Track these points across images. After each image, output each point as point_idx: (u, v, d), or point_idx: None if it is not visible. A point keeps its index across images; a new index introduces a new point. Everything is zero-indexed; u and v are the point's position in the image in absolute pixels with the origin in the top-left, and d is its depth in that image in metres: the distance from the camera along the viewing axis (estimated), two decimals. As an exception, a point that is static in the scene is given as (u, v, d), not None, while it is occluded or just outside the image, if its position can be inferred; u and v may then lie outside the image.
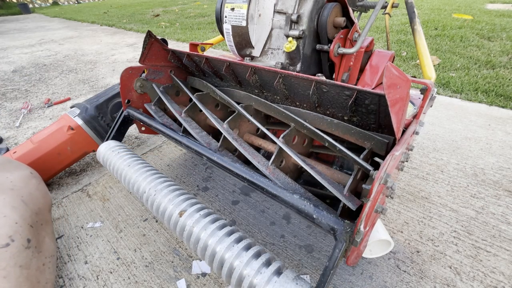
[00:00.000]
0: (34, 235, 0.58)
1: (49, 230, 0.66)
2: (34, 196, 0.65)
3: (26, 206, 0.60)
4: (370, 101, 0.43)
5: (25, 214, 0.58)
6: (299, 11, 0.69)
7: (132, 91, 0.86)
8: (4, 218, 0.54)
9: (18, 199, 0.60)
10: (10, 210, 0.56)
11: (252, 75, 0.59)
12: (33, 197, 0.64)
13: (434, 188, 0.89)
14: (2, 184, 0.62)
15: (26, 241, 0.55)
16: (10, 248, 0.51)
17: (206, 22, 3.97)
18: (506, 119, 1.27)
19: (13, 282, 0.49)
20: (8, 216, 0.55)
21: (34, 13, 8.30)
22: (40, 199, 0.67)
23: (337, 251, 0.37)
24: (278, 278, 0.38)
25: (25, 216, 0.58)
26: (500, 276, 0.63)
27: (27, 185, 0.66)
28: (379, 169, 0.35)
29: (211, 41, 1.16)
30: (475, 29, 2.54)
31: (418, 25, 0.88)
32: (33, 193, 0.65)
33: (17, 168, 0.70)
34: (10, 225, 0.54)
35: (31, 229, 0.58)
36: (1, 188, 0.60)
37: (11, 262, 0.50)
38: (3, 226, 0.53)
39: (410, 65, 1.94)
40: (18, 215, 0.56)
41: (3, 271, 0.48)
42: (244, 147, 0.59)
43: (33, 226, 0.59)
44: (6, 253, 0.50)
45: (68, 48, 3.20)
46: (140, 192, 0.60)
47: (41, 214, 0.64)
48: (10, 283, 0.48)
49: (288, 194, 0.46)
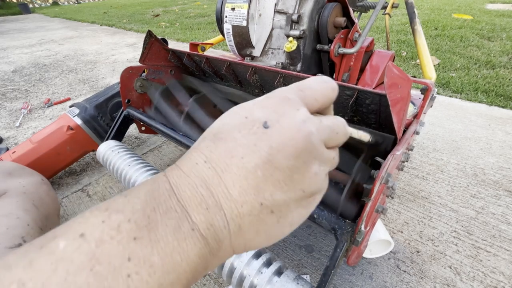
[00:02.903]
0: None
1: None
2: (44, 201, 0.66)
3: (37, 210, 0.62)
4: (371, 100, 0.43)
5: (36, 217, 0.60)
6: (300, 11, 0.69)
7: (132, 91, 0.86)
8: (17, 220, 0.55)
9: (30, 202, 0.61)
10: (23, 212, 0.57)
11: (252, 75, 0.59)
12: (43, 202, 0.66)
13: (434, 188, 0.89)
14: (16, 188, 0.63)
15: None
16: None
17: (206, 22, 3.97)
18: (506, 119, 1.27)
19: None
20: (21, 218, 0.56)
21: (34, 13, 8.30)
22: (50, 204, 0.68)
23: (338, 251, 0.37)
24: (279, 278, 0.38)
25: (36, 219, 0.59)
26: (500, 276, 0.63)
27: (38, 190, 0.67)
28: (380, 168, 0.35)
29: (211, 41, 1.16)
30: (475, 29, 2.54)
31: (418, 25, 0.88)
32: (43, 198, 0.67)
33: (29, 174, 0.72)
34: (22, 226, 0.55)
35: (41, 232, 0.59)
36: (15, 192, 0.62)
37: None
38: (16, 227, 0.54)
39: (410, 65, 1.94)
40: (30, 218, 0.58)
41: None
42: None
43: (43, 229, 0.60)
44: None
45: (68, 48, 3.20)
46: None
47: (50, 218, 0.66)
48: None
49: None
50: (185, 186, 0.17)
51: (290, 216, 0.19)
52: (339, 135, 0.21)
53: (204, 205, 0.17)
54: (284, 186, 0.18)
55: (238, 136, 0.18)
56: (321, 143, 0.19)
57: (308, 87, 0.21)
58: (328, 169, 0.21)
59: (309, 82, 0.21)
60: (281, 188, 0.18)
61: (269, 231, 0.19)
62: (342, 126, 0.21)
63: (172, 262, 0.15)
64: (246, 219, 0.17)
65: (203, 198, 0.17)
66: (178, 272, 0.15)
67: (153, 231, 0.15)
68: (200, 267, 0.17)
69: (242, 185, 0.17)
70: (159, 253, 0.15)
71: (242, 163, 0.17)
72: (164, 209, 0.16)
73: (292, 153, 0.17)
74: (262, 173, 0.17)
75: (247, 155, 0.17)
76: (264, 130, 0.18)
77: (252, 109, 0.19)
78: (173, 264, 0.15)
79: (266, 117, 0.18)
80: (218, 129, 0.19)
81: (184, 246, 0.16)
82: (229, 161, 0.17)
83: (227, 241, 0.18)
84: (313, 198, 0.20)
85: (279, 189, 0.17)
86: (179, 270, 0.15)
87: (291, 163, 0.17)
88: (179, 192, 0.17)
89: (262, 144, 0.17)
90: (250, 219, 0.17)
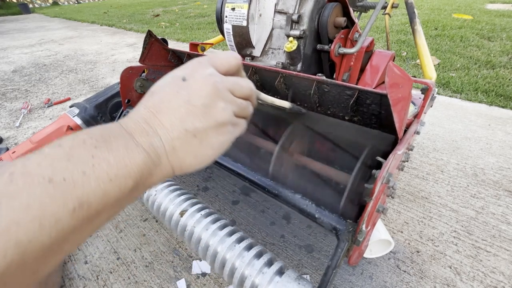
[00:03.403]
0: None
1: None
2: None
3: None
4: (371, 100, 0.43)
5: None
6: (300, 11, 0.69)
7: (132, 91, 0.86)
8: None
9: None
10: None
11: (252, 74, 0.59)
12: None
13: (434, 188, 0.89)
14: None
15: None
16: None
17: (206, 22, 3.97)
18: (506, 119, 1.27)
19: None
20: None
21: (34, 13, 8.30)
22: None
23: (340, 251, 0.37)
24: (280, 278, 0.37)
25: None
26: (500, 276, 0.63)
27: None
28: (382, 168, 0.35)
29: (211, 41, 1.16)
30: (475, 29, 2.54)
31: (418, 25, 0.88)
32: None
33: None
34: None
35: None
36: None
37: None
38: None
39: (410, 65, 1.94)
40: None
41: None
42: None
43: None
44: None
45: (68, 48, 3.20)
46: (141, 191, 0.60)
47: None
48: None
49: (290, 193, 0.46)
50: (131, 123, 0.25)
51: (210, 141, 0.27)
52: (244, 88, 0.29)
53: (145, 133, 0.24)
54: (201, 117, 0.25)
55: (166, 89, 0.26)
56: (225, 89, 0.27)
57: (216, 56, 0.29)
58: (235, 109, 0.28)
59: (217, 53, 0.30)
60: (199, 119, 0.25)
61: (196, 151, 0.26)
62: (246, 83, 0.30)
63: (124, 163, 0.22)
64: (176, 142, 0.25)
65: (144, 128, 0.24)
66: (128, 170, 0.22)
67: (109, 144, 0.22)
68: (145, 172, 0.24)
69: (171, 119, 0.25)
70: (114, 156, 0.22)
71: (170, 105, 0.25)
72: (115, 135, 0.23)
73: (203, 94, 0.26)
74: (184, 110, 0.25)
75: (173, 99, 0.25)
76: (183, 82, 0.26)
77: (174, 71, 0.28)
78: (124, 164, 0.22)
79: (184, 74, 0.27)
80: (153, 88, 0.27)
81: (131, 154, 0.23)
82: (161, 105, 0.25)
83: (165, 158, 0.25)
84: (227, 129, 0.28)
85: (197, 119, 0.25)
86: (129, 169, 0.22)
87: (203, 101, 0.25)
88: (126, 126, 0.24)
89: (182, 91, 0.26)
90: (179, 141, 0.25)
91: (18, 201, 0.17)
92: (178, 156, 0.26)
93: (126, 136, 0.23)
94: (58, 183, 0.19)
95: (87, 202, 0.20)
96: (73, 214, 0.19)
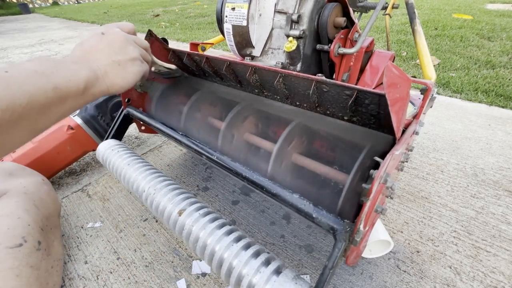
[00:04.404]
0: (44, 238, 0.60)
1: (57, 234, 0.68)
2: (45, 201, 0.67)
3: (37, 210, 0.62)
4: (370, 100, 0.43)
5: (36, 217, 0.60)
6: (300, 11, 0.69)
7: (132, 90, 0.86)
8: (18, 220, 0.56)
9: (30, 203, 0.62)
10: (24, 212, 0.58)
11: (252, 74, 0.59)
12: (44, 202, 0.66)
13: (434, 188, 0.89)
14: (17, 188, 0.64)
15: (37, 243, 0.56)
16: (22, 248, 0.53)
17: (206, 22, 3.97)
18: (506, 119, 1.27)
19: (25, 281, 0.50)
20: (22, 218, 0.57)
21: (34, 13, 8.31)
22: (50, 205, 0.69)
23: (337, 251, 0.37)
24: (277, 278, 0.37)
25: (37, 220, 0.60)
26: (500, 276, 0.63)
27: (38, 190, 0.68)
28: (379, 168, 0.35)
29: (211, 41, 1.16)
30: (475, 29, 2.54)
31: (418, 25, 0.88)
32: (44, 199, 0.67)
33: (30, 174, 0.73)
34: (23, 226, 0.55)
35: (42, 232, 0.59)
36: (16, 192, 0.63)
37: (23, 262, 0.51)
38: (17, 227, 0.54)
39: (410, 65, 1.94)
40: (30, 218, 0.58)
41: (16, 270, 0.49)
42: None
43: (43, 229, 0.60)
44: (19, 252, 0.52)
45: (68, 48, 3.20)
46: (140, 191, 0.60)
47: (51, 219, 0.67)
48: (21, 282, 0.49)
49: (288, 193, 0.46)
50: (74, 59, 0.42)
51: (129, 69, 0.45)
52: (143, 41, 0.52)
53: (86, 62, 0.41)
54: (120, 53, 0.44)
55: (91, 40, 0.44)
56: (131, 40, 0.47)
57: (119, 23, 0.50)
58: (141, 52, 0.49)
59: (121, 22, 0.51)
60: (119, 54, 0.44)
61: (121, 75, 0.44)
62: (143, 41, 0.52)
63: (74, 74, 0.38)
64: (107, 67, 0.43)
65: (84, 61, 0.41)
66: (79, 77, 0.38)
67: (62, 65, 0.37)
68: (89, 82, 0.40)
69: (100, 55, 0.43)
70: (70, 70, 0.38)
71: (97, 47, 0.43)
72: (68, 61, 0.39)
73: (118, 40, 0.45)
74: (107, 49, 0.43)
75: (98, 44, 0.44)
76: (103, 35, 0.45)
77: (96, 30, 0.46)
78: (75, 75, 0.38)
79: (102, 31, 0.45)
80: (80, 41, 0.44)
81: (79, 70, 0.39)
82: (91, 48, 0.43)
83: (101, 78, 0.42)
84: (138, 62, 0.47)
85: (118, 54, 0.44)
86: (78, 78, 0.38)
87: (119, 44, 0.45)
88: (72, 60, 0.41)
89: (103, 39, 0.44)
90: (109, 67, 0.43)
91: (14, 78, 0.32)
92: (109, 77, 0.43)
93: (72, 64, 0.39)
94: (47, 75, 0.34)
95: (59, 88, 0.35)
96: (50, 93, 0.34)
